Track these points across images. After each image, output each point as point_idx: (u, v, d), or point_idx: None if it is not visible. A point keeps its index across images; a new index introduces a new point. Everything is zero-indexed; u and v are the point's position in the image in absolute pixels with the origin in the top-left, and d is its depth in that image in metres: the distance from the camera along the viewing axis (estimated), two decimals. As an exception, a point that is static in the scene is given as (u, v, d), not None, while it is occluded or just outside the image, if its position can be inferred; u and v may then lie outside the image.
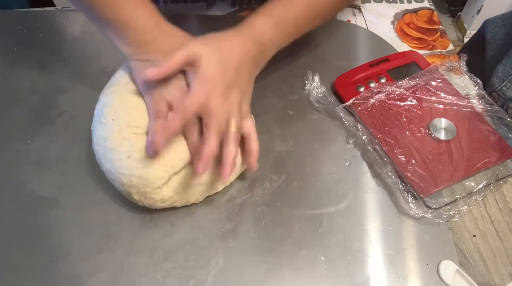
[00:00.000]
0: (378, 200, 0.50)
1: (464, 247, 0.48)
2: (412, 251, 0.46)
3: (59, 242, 0.46)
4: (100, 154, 0.47)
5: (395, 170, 0.50)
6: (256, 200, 0.50)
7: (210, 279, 0.44)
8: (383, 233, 0.48)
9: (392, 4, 0.74)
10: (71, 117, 0.56)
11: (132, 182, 0.45)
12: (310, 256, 0.46)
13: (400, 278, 0.45)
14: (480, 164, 0.50)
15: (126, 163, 0.45)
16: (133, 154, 0.45)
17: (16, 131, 0.55)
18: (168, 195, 0.46)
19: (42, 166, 0.52)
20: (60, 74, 0.61)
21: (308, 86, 0.59)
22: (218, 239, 0.47)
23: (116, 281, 0.44)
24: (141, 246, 0.46)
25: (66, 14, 0.69)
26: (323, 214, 0.49)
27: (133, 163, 0.45)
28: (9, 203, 0.49)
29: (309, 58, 0.63)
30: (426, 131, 0.53)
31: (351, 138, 0.55)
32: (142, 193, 0.46)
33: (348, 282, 0.44)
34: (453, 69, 0.60)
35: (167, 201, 0.47)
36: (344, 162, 0.53)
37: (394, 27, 0.70)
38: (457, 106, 0.55)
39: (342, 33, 0.68)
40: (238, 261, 0.46)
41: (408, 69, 0.60)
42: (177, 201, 0.47)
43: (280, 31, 0.52)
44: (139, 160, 0.45)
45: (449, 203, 0.48)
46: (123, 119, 0.46)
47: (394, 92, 0.56)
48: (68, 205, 0.49)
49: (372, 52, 0.65)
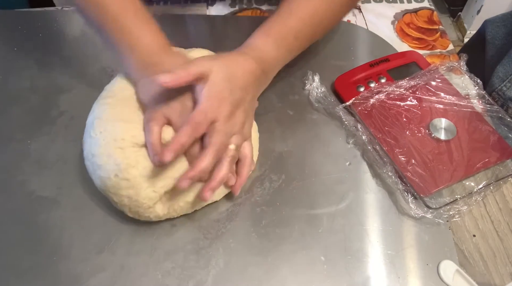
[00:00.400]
0: (378, 200, 0.50)
1: (464, 247, 0.48)
2: (412, 251, 0.46)
3: (59, 242, 0.46)
4: (90, 169, 0.46)
5: (395, 170, 0.50)
6: (256, 200, 0.50)
7: (210, 279, 0.44)
8: (383, 233, 0.48)
9: (392, 4, 0.74)
10: (71, 117, 0.56)
11: (123, 201, 0.44)
12: (310, 256, 0.46)
13: (400, 278, 0.45)
14: (480, 164, 0.50)
15: (114, 181, 0.43)
16: (120, 173, 0.43)
17: (16, 131, 0.55)
18: (162, 212, 0.46)
19: (42, 166, 0.52)
20: (60, 74, 0.61)
21: (308, 86, 0.59)
22: (218, 239, 0.47)
23: (116, 281, 0.44)
24: (141, 246, 0.46)
25: (66, 14, 0.69)
26: (323, 214, 0.49)
27: (121, 182, 0.43)
28: (9, 203, 0.49)
29: (309, 58, 0.63)
30: (426, 131, 0.53)
31: (351, 138, 0.55)
32: (135, 212, 0.45)
33: (348, 282, 0.44)
34: (453, 69, 0.60)
35: (163, 217, 0.46)
36: (344, 162, 0.53)
37: (394, 27, 0.70)
38: (457, 106, 0.55)
39: (342, 33, 0.68)
40: (238, 261, 0.46)
41: (408, 69, 0.60)
42: (173, 215, 0.47)
43: (282, 48, 0.52)
44: (126, 180, 0.43)
45: (449, 203, 0.48)
46: (110, 132, 0.44)
47: (394, 92, 0.56)
48: (68, 205, 0.49)
49: (372, 52, 0.65)
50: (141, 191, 0.44)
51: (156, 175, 0.44)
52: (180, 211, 0.47)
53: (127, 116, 0.46)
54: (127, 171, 0.43)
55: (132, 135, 0.44)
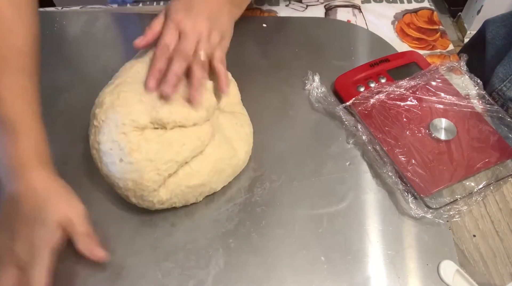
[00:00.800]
0: (378, 200, 0.50)
1: (464, 247, 0.48)
2: (412, 251, 0.46)
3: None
4: (96, 158, 0.46)
5: (395, 170, 0.50)
6: (256, 200, 0.50)
7: (210, 279, 0.44)
8: (383, 233, 0.48)
9: (392, 4, 0.74)
10: (71, 117, 0.56)
11: (128, 185, 0.45)
12: (310, 256, 0.46)
13: (400, 278, 0.45)
14: (480, 164, 0.50)
15: (119, 166, 0.44)
16: (125, 157, 0.44)
17: (16, 131, 0.55)
18: (165, 197, 0.46)
19: (42, 166, 0.52)
20: (60, 74, 0.61)
21: (308, 86, 0.59)
22: (218, 239, 0.47)
23: (116, 281, 0.44)
24: (141, 246, 0.46)
25: (66, 14, 0.69)
26: (323, 214, 0.49)
27: (125, 167, 0.44)
28: (9, 203, 0.49)
29: (309, 58, 0.63)
30: (426, 131, 0.53)
31: (351, 138, 0.55)
32: (139, 196, 0.45)
33: (348, 282, 0.44)
34: (453, 69, 0.60)
35: (165, 203, 0.47)
36: (344, 162, 0.53)
37: (394, 27, 0.70)
38: (457, 106, 0.55)
39: (342, 33, 0.68)
40: (238, 261, 0.46)
41: (408, 69, 0.60)
42: (176, 202, 0.47)
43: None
44: (131, 163, 0.44)
45: (449, 203, 0.48)
46: (111, 119, 0.45)
47: (394, 92, 0.56)
48: (68, 205, 0.49)
49: (372, 52, 0.65)
50: (145, 174, 0.44)
51: (159, 158, 0.45)
52: (181, 197, 0.47)
53: (125, 101, 0.46)
54: (130, 154, 0.44)
55: (132, 119, 0.45)
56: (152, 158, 0.44)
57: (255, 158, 0.53)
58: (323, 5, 0.73)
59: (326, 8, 0.73)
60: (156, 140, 0.45)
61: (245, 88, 0.56)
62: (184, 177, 0.46)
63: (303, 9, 0.73)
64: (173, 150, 0.45)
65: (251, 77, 0.60)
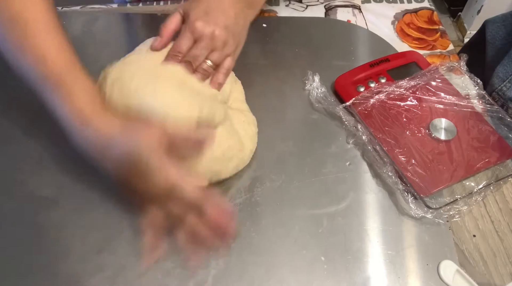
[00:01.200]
0: (378, 200, 0.50)
1: (464, 247, 0.48)
2: (412, 251, 0.46)
3: (59, 242, 0.46)
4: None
5: (395, 170, 0.50)
6: (256, 200, 0.50)
7: (210, 279, 0.44)
8: (383, 233, 0.48)
9: (392, 4, 0.74)
10: (71, 117, 0.56)
11: None
12: (310, 256, 0.46)
13: (400, 278, 0.45)
14: (480, 164, 0.50)
15: None
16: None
17: (16, 131, 0.55)
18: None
19: (42, 166, 0.52)
20: (60, 74, 0.60)
21: (308, 86, 0.59)
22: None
23: (116, 281, 0.44)
24: (141, 246, 0.46)
25: (66, 14, 0.69)
26: (323, 214, 0.49)
27: None
28: (9, 203, 0.49)
29: (309, 58, 0.63)
30: (426, 131, 0.53)
31: (351, 138, 0.55)
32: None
33: (348, 282, 0.44)
34: (453, 69, 0.60)
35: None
36: (344, 162, 0.53)
37: (394, 27, 0.70)
38: (457, 106, 0.55)
39: (342, 33, 0.68)
40: (238, 261, 0.46)
41: (408, 69, 0.60)
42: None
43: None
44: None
45: (449, 203, 0.48)
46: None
47: (394, 92, 0.56)
48: (68, 205, 0.49)
49: (372, 52, 0.65)
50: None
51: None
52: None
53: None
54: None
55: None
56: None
57: (255, 157, 0.53)
58: (323, 5, 0.73)
59: (326, 8, 0.73)
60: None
61: (245, 88, 0.56)
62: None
63: (303, 9, 0.73)
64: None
65: (251, 77, 0.60)
